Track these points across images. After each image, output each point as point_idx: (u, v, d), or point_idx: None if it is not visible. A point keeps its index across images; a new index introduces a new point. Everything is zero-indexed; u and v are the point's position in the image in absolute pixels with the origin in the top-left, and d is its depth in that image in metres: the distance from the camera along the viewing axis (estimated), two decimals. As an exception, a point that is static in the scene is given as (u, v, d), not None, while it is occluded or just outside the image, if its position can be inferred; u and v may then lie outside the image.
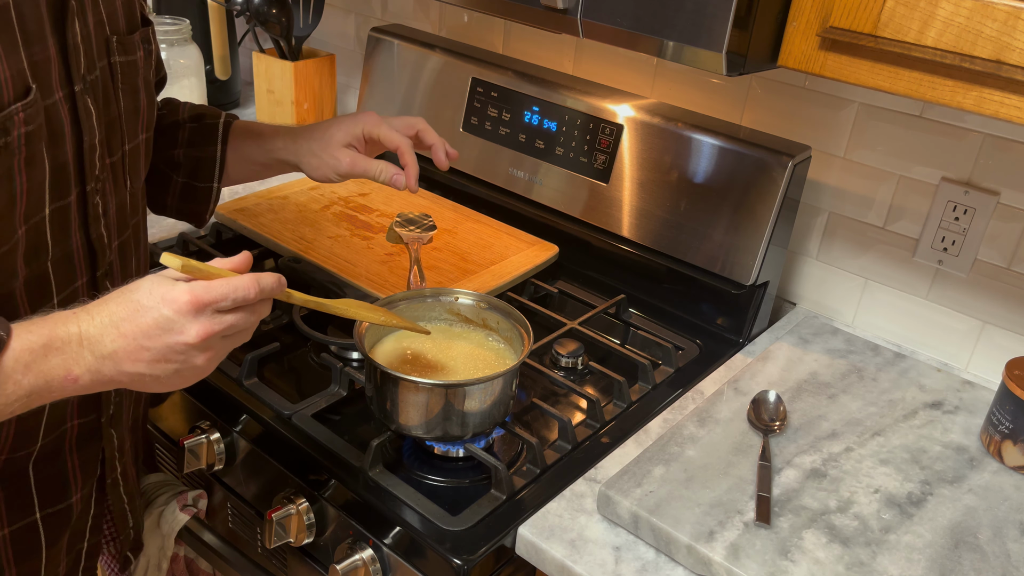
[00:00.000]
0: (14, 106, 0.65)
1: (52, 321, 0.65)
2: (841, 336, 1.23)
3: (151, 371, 0.67)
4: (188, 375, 0.69)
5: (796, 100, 1.25)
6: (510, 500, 0.93)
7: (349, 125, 1.00)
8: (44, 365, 0.64)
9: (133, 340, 0.66)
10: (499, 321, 1.03)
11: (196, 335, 0.66)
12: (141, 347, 0.66)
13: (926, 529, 0.89)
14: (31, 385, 0.63)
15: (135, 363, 0.66)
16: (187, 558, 1.23)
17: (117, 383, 0.68)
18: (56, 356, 0.64)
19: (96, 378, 0.66)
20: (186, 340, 0.66)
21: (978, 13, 0.75)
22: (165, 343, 0.66)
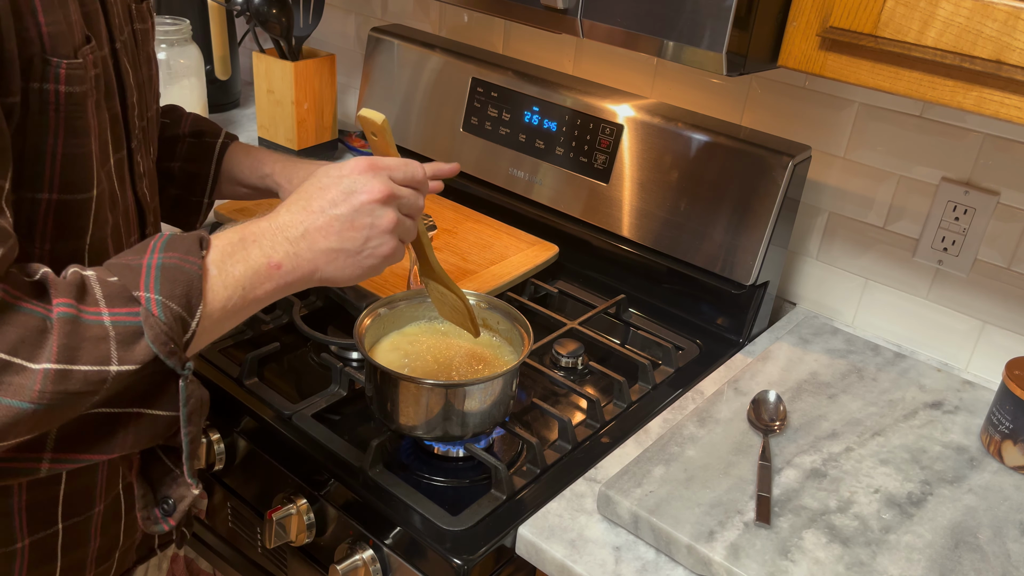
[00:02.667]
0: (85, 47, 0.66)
1: (241, 225, 0.69)
2: (841, 336, 1.23)
3: (343, 244, 0.70)
4: (376, 248, 0.72)
5: (796, 100, 1.25)
6: (510, 500, 0.93)
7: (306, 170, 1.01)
8: (246, 255, 0.67)
9: (322, 213, 0.70)
10: (499, 321, 1.03)
11: (379, 190, 0.71)
12: (331, 218, 0.70)
13: (926, 529, 0.89)
14: (240, 276, 0.66)
15: (327, 237, 0.70)
16: (187, 558, 1.23)
17: (315, 267, 0.70)
18: (254, 247, 0.67)
19: (296, 263, 0.69)
20: (370, 196, 0.71)
21: (978, 13, 0.75)
22: (351, 205, 0.70)
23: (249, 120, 1.87)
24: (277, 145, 1.65)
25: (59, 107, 0.65)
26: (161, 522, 0.69)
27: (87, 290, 0.59)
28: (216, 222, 1.41)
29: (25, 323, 0.55)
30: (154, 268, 0.61)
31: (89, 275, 0.60)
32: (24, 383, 0.55)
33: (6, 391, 0.54)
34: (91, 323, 0.58)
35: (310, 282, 0.71)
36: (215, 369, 1.10)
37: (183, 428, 0.64)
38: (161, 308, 0.60)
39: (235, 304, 0.66)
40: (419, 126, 1.53)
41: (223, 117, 1.87)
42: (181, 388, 0.63)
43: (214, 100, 1.82)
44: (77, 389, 0.57)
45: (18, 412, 0.55)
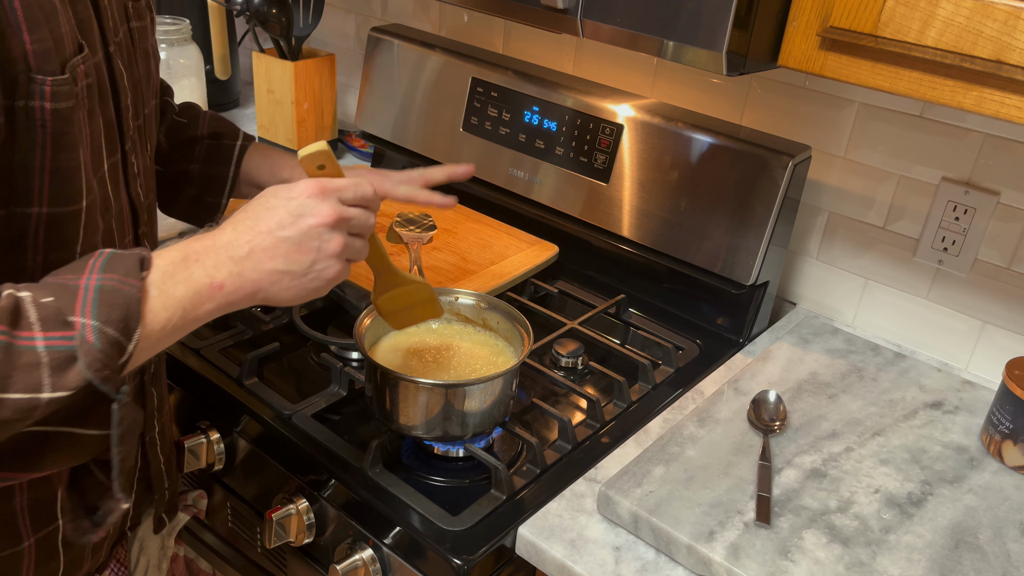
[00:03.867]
0: (76, 58, 0.66)
1: (184, 241, 0.68)
2: (841, 336, 1.23)
3: (289, 266, 0.70)
4: (323, 271, 0.71)
5: (796, 100, 1.25)
6: (510, 500, 0.93)
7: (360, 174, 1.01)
8: (188, 275, 0.66)
9: (269, 234, 0.69)
10: (499, 321, 1.03)
11: (327, 214, 0.70)
12: (278, 240, 0.69)
13: (926, 529, 0.89)
14: (183, 296, 0.65)
15: (273, 259, 0.69)
16: (187, 558, 1.23)
17: (258, 287, 0.69)
18: (196, 266, 0.67)
19: (239, 283, 0.68)
20: (319, 220, 0.70)
21: (978, 13, 0.75)
22: (299, 229, 0.70)
23: (249, 120, 1.87)
24: (277, 145, 1.65)
25: (45, 123, 0.64)
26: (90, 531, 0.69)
27: (21, 314, 0.58)
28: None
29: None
30: (92, 291, 0.60)
31: (24, 296, 0.59)
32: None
33: None
34: (24, 349, 0.56)
35: (251, 301, 0.71)
36: (215, 369, 1.10)
37: (113, 448, 0.63)
38: (97, 334, 0.59)
39: (175, 324, 0.65)
40: (419, 126, 1.53)
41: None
42: (113, 411, 0.61)
43: (214, 100, 1.82)
44: (7, 417, 0.56)
45: None
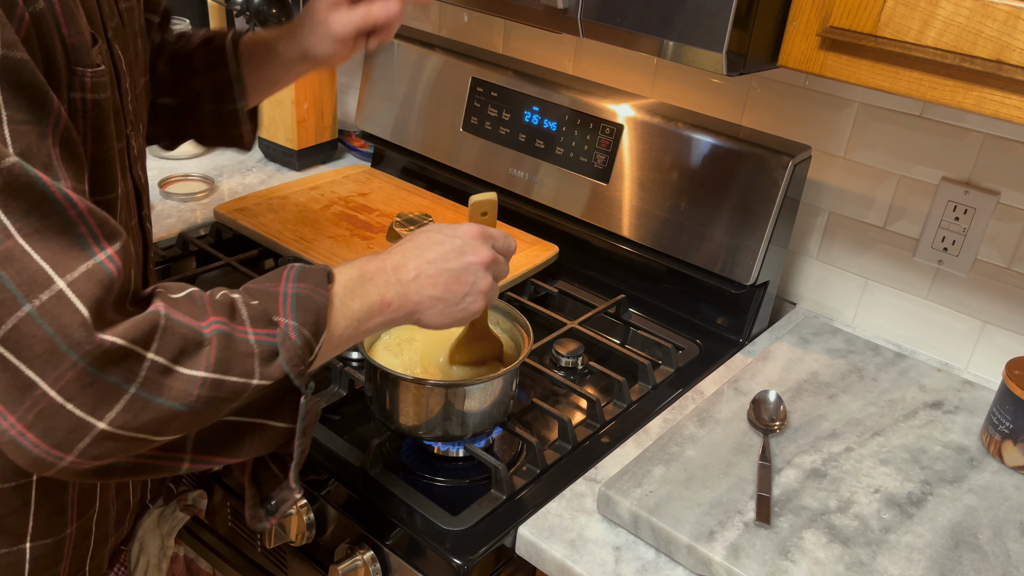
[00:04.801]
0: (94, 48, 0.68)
1: (359, 261, 0.76)
2: (841, 336, 1.23)
3: (446, 295, 0.78)
4: (470, 304, 0.80)
5: (796, 100, 1.25)
6: (510, 500, 0.93)
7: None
8: (363, 291, 0.74)
9: (434, 264, 0.78)
10: (499, 321, 1.03)
11: (486, 256, 0.80)
12: (441, 270, 0.78)
13: (926, 529, 0.88)
14: (358, 310, 0.73)
15: (435, 286, 0.78)
16: (187, 558, 1.23)
17: (417, 309, 0.78)
18: (371, 284, 0.75)
19: (403, 302, 0.76)
20: (478, 259, 0.80)
21: (978, 13, 0.75)
22: (461, 264, 0.79)
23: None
24: (277, 145, 1.65)
25: (87, 115, 0.68)
26: (264, 520, 0.76)
27: (236, 310, 0.66)
28: (215, 222, 1.41)
29: (185, 335, 0.61)
30: (290, 296, 0.68)
31: (236, 298, 0.67)
32: (184, 388, 0.60)
33: (169, 394, 0.60)
34: (240, 340, 0.64)
35: (408, 321, 0.78)
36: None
37: (297, 439, 0.71)
38: (296, 333, 0.67)
39: (349, 334, 0.73)
40: (419, 126, 1.53)
41: (223, 117, 1.87)
42: (301, 404, 0.70)
43: (214, 100, 1.82)
44: (224, 396, 0.63)
45: (176, 413, 0.61)
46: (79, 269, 0.58)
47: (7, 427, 0.57)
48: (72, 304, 0.57)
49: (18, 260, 0.56)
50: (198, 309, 0.63)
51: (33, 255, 0.57)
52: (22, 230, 0.57)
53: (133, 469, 0.66)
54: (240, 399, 0.64)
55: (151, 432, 0.61)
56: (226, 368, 0.62)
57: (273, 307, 0.68)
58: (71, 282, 0.57)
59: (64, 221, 0.59)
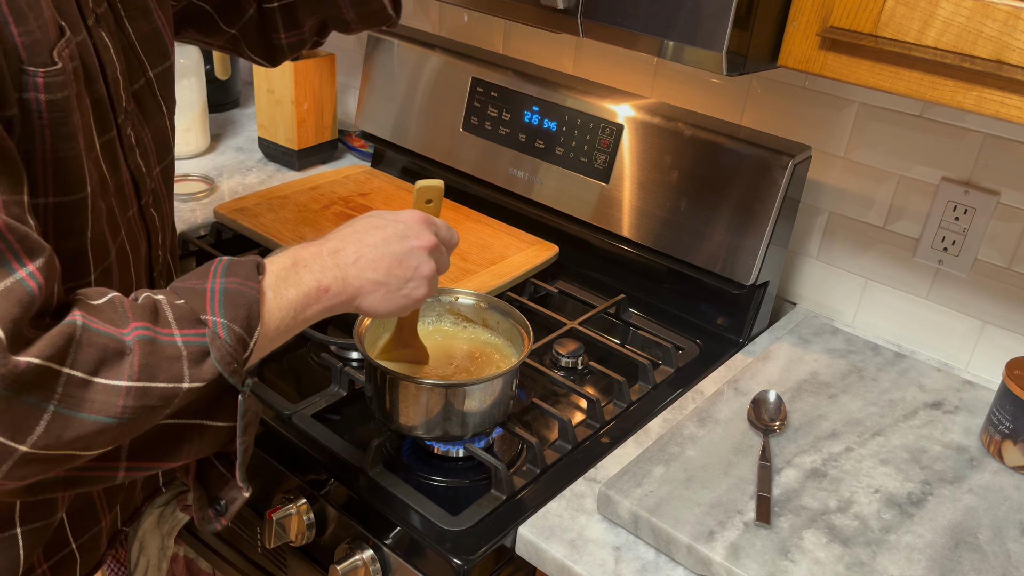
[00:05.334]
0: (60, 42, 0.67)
1: (293, 248, 0.74)
2: (841, 336, 1.23)
3: (388, 279, 0.76)
4: (413, 289, 0.79)
5: (796, 100, 1.25)
6: (510, 500, 0.93)
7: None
8: (298, 279, 0.71)
9: (375, 248, 0.76)
10: (499, 321, 1.03)
11: (429, 241, 0.79)
12: (383, 253, 0.76)
13: (926, 529, 0.89)
14: (293, 299, 0.70)
15: (376, 269, 0.76)
16: (187, 558, 1.23)
17: (357, 294, 0.75)
18: (305, 271, 0.72)
19: (342, 287, 0.74)
20: (422, 243, 0.78)
21: (978, 13, 0.75)
22: (403, 247, 0.77)
23: (249, 120, 1.87)
24: (277, 145, 1.65)
25: (42, 115, 0.66)
26: (214, 521, 0.74)
27: (159, 313, 0.63)
28: (215, 222, 1.41)
29: (104, 345, 0.59)
30: (218, 293, 0.66)
31: (160, 299, 0.65)
32: (108, 400, 0.58)
33: (91, 408, 0.58)
34: (166, 343, 0.62)
35: (348, 307, 0.76)
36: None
37: (239, 438, 0.69)
38: (226, 330, 0.65)
39: (287, 324, 0.71)
40: (419, 126, 1.53)
41: (223, 117, 1.87)
42: (240, 402, 0.68)
43: (214, 100, 1.82)
44: (153, 404, 0.61)
45: (103, 426, 0.59)
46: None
47: None
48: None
49: None
50: (119, 315, 0.61)
51: None
52: None
53: (65, 483, 0.65)
54: (173, 404, 0.62)
55: (79, 448, 0.59)
56: (151, 375, 0.60)
57: (200, 305, 0.65)
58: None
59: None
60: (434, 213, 0.86)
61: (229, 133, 1.81)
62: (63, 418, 0.57)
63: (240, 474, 0.71)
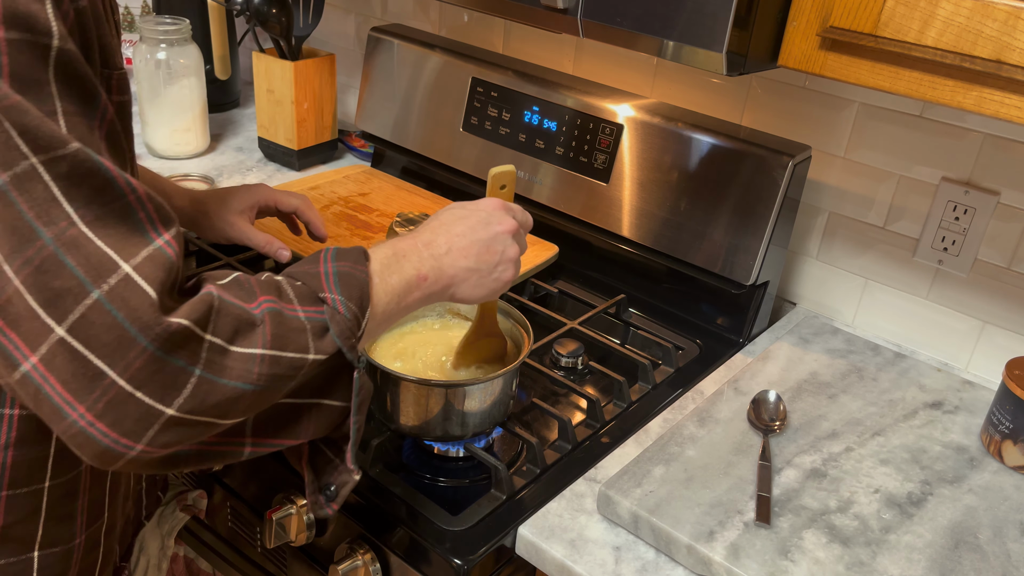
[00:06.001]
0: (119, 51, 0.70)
1: (391, 241, 0.79)
2: (841, 336, 1.23)
3: (479, 265, 0.81)
4: (502, 273, 0.83)
5: (796, 100, 1.25)
6: (510, 500, 0.93)
7: (244, 196, 1.09)
8: (400, 267, 0.76)
9: (463, 237, 0.80)
10: (499, 321, 1.02)
11: (511, 225, 0.83)
12: (472, 241, 0.81)
13: (926, 529, 0.88)
14: (396, 285, 0.75)
15: (467, 257, 0.80)
16: (187, 558, 1.23)
17: (452, 282, 0.80)
18: (405, 261, 0.77)
19: (438, 276, 0.78)
20: (505, 228, 0.83)
21: (978, 13, 0.75)
22: (490, 233, 0.82)
23: (249, 120, 1.87)
24: (277, 145, 1.65)
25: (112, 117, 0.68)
26: (325, 507, 0.77)
27: (282, 290, 0.67)
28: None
29: (238, 315, 0.62)
30: (332, 275, 0.70)
31: (280, 280, 0.69)
32: (245, 366, 0.61)
33: (231, 374, 0.61)
34: (291, 317, 0.65)
35: (444, 295, 0.80)
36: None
37: (352, 416, 0.73)
38: (344, 307, 0.69)
39: (391, 309, 0.75)
40: (419, 126, 1.53)
41: (223, 117, 1.87)
42: (355, 378, 0.71)
43: (214, 100, 1.82)
44: (283, 373, 0.64)
45: (241, 392, 0.61)
46: (141, 254, 0.58)
47: (76, 418, 0.57)
48: (140, 287, 0.57)
49: (83, 247, 0.56)
50: (246, 291, 0.65)
51: (97, 242, 0.57)
52: (84, 217, 0.57)
53: (197, 456, 0.67)
54: (299, 375, 0.65)
55: (217, 415, 0.61)
56: (282, 344, 0.63)
57: (318, 285, 0.69)
58: (136, 266, 0.58)
59: (124, 207, 0.59)
60: (507, 198, 0.89)
61: (229, 133, 1.81)
62: (207, 382, 0.59)
63: (351, 455, 0.74)
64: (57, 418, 0.57)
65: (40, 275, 0.56)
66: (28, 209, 0.56)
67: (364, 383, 0.73)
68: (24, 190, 0.56)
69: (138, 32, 1.61)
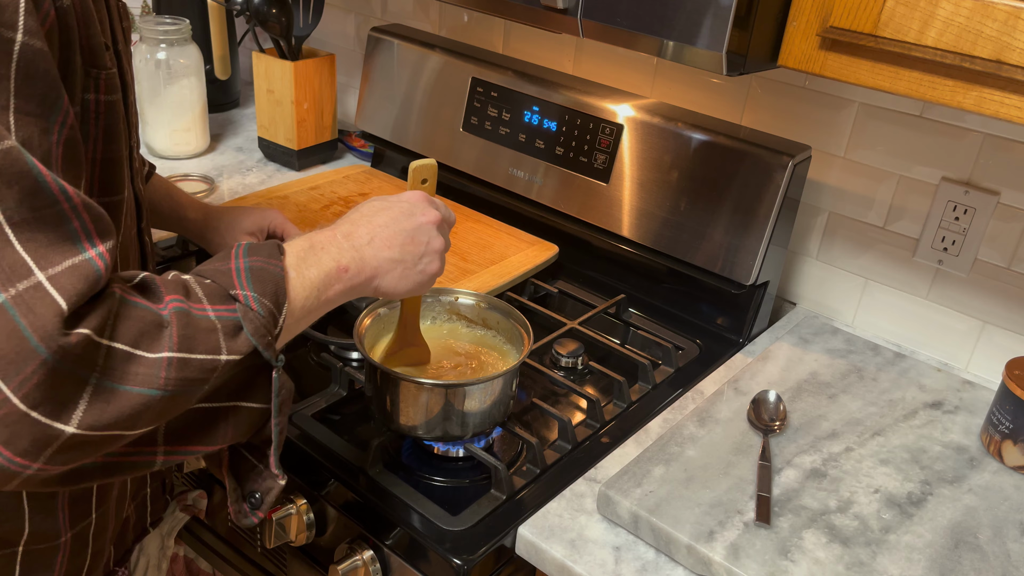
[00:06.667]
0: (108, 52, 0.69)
1: (307, 234, 0.75)
2: (841, 336, 1.23)
3: (403, 256, 0.78)
4: (427, 265, 0.81)
5: (796, 100, 1.25)
6: (510, 500, 0.93)
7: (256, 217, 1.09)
8: (317, 260, 0.73)
9: (385, 227, 0.78)
10: (499, 321, 1.03)
11: (435, 216, 0.81)
12: (395, 232, 0.78)
13: (926, 529, 0.88)
14: (315, 278, 0.72)
15: (391, 247, 0.78)
16: (187, 558, 1.23)
17: (376, 273, 0.77)
18: (323, 253, 0.73)
19: (360, 267, 0.75)
20: (429, 219, 0.81)
21: (978, 13, 0.75)
22: (414, 223, 0.80)
23: (249, 120, 1.87)
24: (277, 145, 1.65)
25: (99, 116, 0.68)
26: (250, 515, 0.75)
27: (190, 290, 0.64)
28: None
29: (142, 318, 0.59)
30: (243, 270, 0.67)
31: (188, 279, 0.66)
32: (150, 372, 0.58)
33: (134, 380, 0.57)
34: (200, 317, 0.62)
35: (367, 288, 0.77)
36: None
37: (274, 418, 0.70)
38: (257, 303, 0.66)
39: (311, 304, 0.72)
40: (419, 126, 1.53)
41: (223, 117, 1.87)
42: (274, 379, 0.69)
43: (214, 100, 1.82)
44: (194, 376, 0.61)
45: (148, 399, 0.58)
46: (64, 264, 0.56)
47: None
48: (50, 296, 0.54)
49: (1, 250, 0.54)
50: (152, 291, 0.62)
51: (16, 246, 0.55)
52: (11, 219, 0.55)
53: (103, 470, 0.64)
54: (212, 379, 0.62)
55: (123, 426, 0.58)
56: (190, 346, 0.60)
57: (228, 282, 0.66)
58: (52, 276, 0.55)
59: (56, 214, 0.57)
60: (430, 192, 0.88)
61: (229, 133, 1.81)
62: (107, 392, 0.56)
63: (275, 459, 0.72)
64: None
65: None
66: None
67: (284, 383, 0.70)
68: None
69: (138, 32, 1.61)
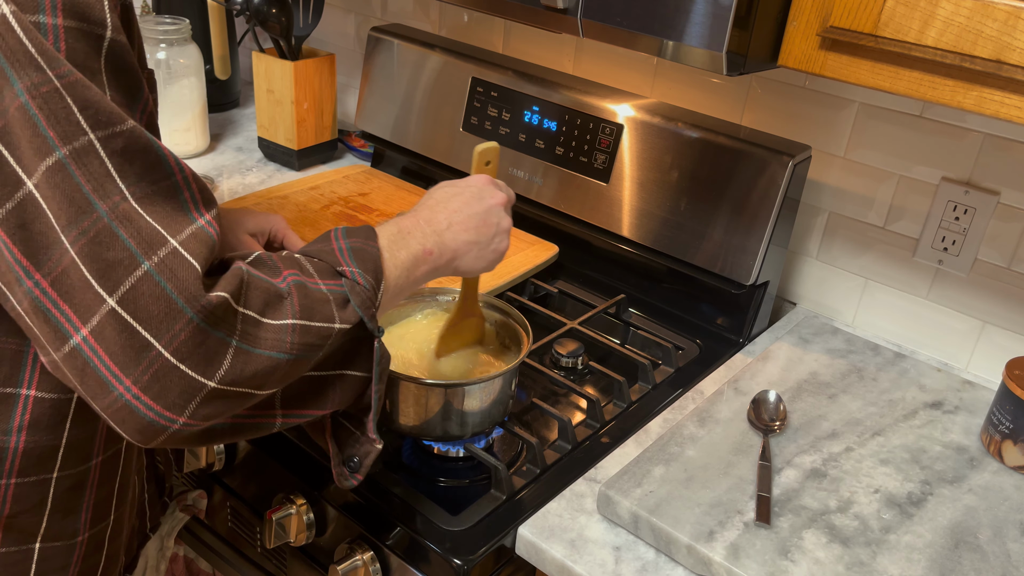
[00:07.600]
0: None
1: (394, 219, 0.81)
2: (841, 336, 1.23)
3: (478, 237, 0.84)
4: (499, 244, 0.87)
5: (796, 100, 1.25)
6: (510, 500, 0.93)
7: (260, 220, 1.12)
8: (406, 243, 0.79)
9: (460, 212, 0.84)
10: (499, 321, 1.03)
11: (502, 198, 0.87)
12: (468, 215, 0.84)
13: (926, 529, 0.88)
14: (405, 259, 0.78)
15: (467, 231, 0.83)
16: (187, 558, 1.23)
17: (455, 255, 0.83)
18: (410, 237, 0.80)
19: (441, 250, 0.81)
20: (497, 201, 0.86)
21: (978, 13, 0.75)
22: (484, 206, 0.85)
23: (249, 120, 1.87)
24: (277, 145, 1.65)
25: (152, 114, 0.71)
26: (350, 478, 0.80)
27: (303, 266, 0.70)
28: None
29: (267, 289, 0.65)
30: (346, 250, 0.74)
31: (299, 256, 0.72)
32: (278, 336, 0.64)
33: (264, 344, 0.63)
34: (315, 289, 0.68)
35: (448, 269, 0.83)
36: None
37: (374, 384, 0.75)
38: (362, 278, 0.72)
39: (402, 283, 0.78)
40: (419, 126, 1.53)
41: (223, 117, 1.87)
42: (376, 347, 0.74)
43: (214, 100, 1.82)
44: (313, 342, 0.66)
45: (276, 362, 0.64)
46: (186, 231, 0.61)
47: (122, 391, 0.59)
48: (187, 260, 0.60)
49: (135, 221, 0.59)
50: (270, 267, 0.67)
51: (147, 218, 0.60)
52: (135, 194, 0.60)
53: (231, 430, 0.69)
54: (327, 345, 0.68)
55: (255, 386, 0.63)
56: (309, 314, 0.66)
57: (334, 260, 0.72)
58: (182, 241, 0.60)
59: (172, 186, 0.62)
60: (492, 174, 0.92)
61: (229, 133, 1.81)
62: (244, 353, 0.62)
63: (373, 425, 0.77)
64: (103, 392, 0.59)
65: (94, 246, 0.58)
66: (85, 182, 0.58)
67: (384, 352, 0.75)
68: (82, 164, 0.58)
69: (138, 32, 1.61)
